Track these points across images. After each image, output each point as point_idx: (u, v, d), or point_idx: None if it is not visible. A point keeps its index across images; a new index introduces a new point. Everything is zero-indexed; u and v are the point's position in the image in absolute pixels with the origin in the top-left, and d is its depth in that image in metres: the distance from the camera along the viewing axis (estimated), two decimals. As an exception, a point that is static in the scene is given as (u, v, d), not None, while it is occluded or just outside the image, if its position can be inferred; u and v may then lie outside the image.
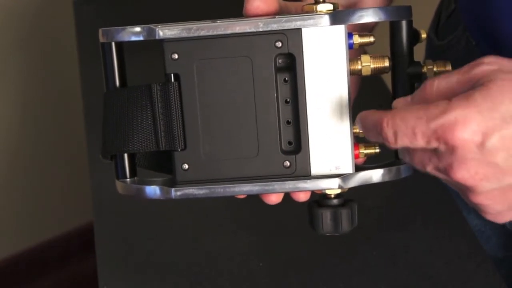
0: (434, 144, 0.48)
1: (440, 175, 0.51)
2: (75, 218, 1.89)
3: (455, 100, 0.48)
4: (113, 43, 0.57)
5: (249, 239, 0.83)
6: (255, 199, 0.62)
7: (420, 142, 0.49)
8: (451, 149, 0.48)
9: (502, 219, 0.53)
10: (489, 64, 0.49)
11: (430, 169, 0.51)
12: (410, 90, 0.57)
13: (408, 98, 0.52)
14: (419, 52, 0.59)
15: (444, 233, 0.81)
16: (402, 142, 0.49)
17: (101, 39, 0.57)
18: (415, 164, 0.52)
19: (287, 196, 0.59)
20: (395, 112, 0.50)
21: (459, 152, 0.48)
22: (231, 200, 0.86)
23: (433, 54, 0.70)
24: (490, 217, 0.53)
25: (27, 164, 1.82)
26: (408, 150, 0.51)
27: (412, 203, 0.86)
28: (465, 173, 0.48)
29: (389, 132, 0.49)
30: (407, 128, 0.49)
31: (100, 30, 0.57)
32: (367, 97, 0.65)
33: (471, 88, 0.48)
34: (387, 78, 0.59)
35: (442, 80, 0.50)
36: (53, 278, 1.89)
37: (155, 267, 0.80)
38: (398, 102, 0.53)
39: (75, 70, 1.32)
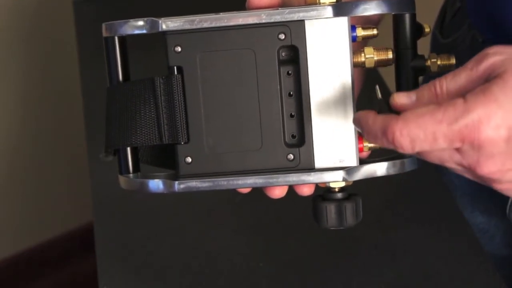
0: (457, 145, 0.47)
1: (461, 169, 0.50)
2: (75, 218, 1.89)
3: (472, 97, 0.47)
4: (116, 37, 0.57)
5: (249, 239, 0.83)
6: (255, 199, 0.62)
7: (441, 145, 0.47)
8: (477, 147, 0.47)
9: None
10: (496, 54, 0.48)
11: (449, 165, 0.50)
12: (414, 83, 0.57)
13: (413, 96, 0.50)
14: (424, 51, 0.59)
15: (444, 233, 0.81)
16: (421, 148, 0.48)
17: (104, 33, 0.57)
18: (431, 161, 0.50)
19: (289, 194, 0.59)
20: (407, 118, 0.48)
21: (486, 149, 0.47)
22: (231, 200, 0.86)
23: (438, 53, 0.70)
24: None
25: (27, 164, 1.82)
26: (425, 151, 0.50)
27: (412, 203, 0.86)
28: (492, 168, 0.48)
29: (404, 141, 0.48)
30: (427, 135, 0.47)
31: (104, 25, 0.57)
32: (367, 97, 0.65)
33: (483, 83, 0.47)
34: (387, 77, 0.59)
35: (450, 79, 0.49)
36: (53, 278, 1.89)
37: (155, 267, 0.80)
38: (400, 99, 0.51)
39: (75, 70, 1.32)
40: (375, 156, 0.59)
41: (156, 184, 0.57)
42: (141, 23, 0.56)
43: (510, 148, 0.47)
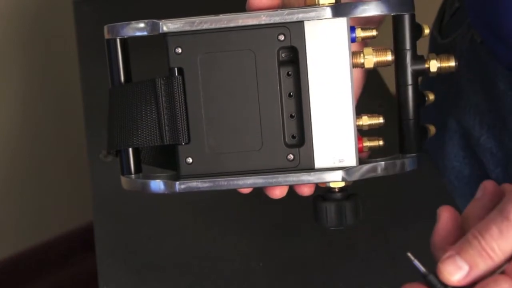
0: None
1: None
2: (75, 218, 1.89)
3: None
4: (117, 39, 0.57)
5: (249, 239, 0.83)
6: (256, 199, 0.62)
7: None
8: None
9: None
10: None
11: None
12: (414, 84, 0.57)
13: (464, 266, 0.48)
14: (423, 51, 0.59)
15: (444, 233, 0.81)
16: None
17: (106, 35, 0.58)
18: None
19: (289, 194, 0.59)
20: None
21: None
22: (231, 200, 0.86)
23: (437, 53, 0.71)
24: None
25: (27, 164, 1.82)
26: None
27: (412, 203, 0.86)
28: None
29: None
30: None
31: (106, 27, 0.58)
32: (367, 97, 0.65)
33: None
34: (388, 78, 0.59)
35: (498, 238, 0.46)
36: (53, 278, 1.89)
37: (155, 267, 0.80)
38: (452, 275, 0.48)
39: (75, 70, 1.32)
40: (375, 156, 0.59)
41: (157, 185, 0.58)
42: (142, 25, 0.56)
43: None
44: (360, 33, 0.57)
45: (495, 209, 0.48)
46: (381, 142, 0.59)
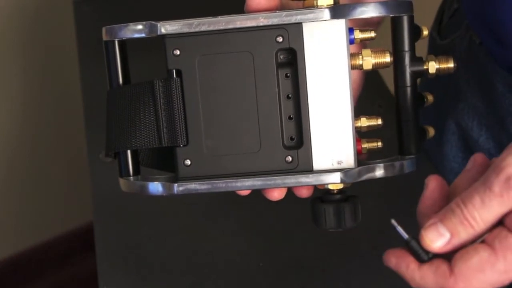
0: None
1: None
2: (75, 218, 1.89)
3: None
4: (116, 41, 0.57)
5: (249, 239, 0.83)
6: (255, 199, 0.62)
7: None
8: None
9: None
10: None
11: None
12: (413, 85, 0.57)
13: (446, 233, 0.48)
14: (422, 53, 0.59)
15: (443, 233, 0.81)
16: None
17: (105, 37, 0.57)
18: None
19: (289, 195, 0.59)
20: (465, 276, 0.46)
21: None
22: (231, 200, 0.86)
23: (436, 54, 0.71)
24: None
25: (27, 164, 1.82)
26: None
27: (412, 203, 0.86)
28: None
29: None
30: (493, 286, 0.46)
31: (104, 28, 0.57)
32: (367, 97, 0.65)
33: None
34: (388, 78, 0.59)
35: (480, 207, 0.47)
36: (53, 278, 1.89)
37: (155, 267, 0.80)
38: (434, 242, 0.49)
39: (75, 70, 1.32)
40: (373, 157, 0.59)
41: (155, 187, 0.57)
42: (140, 27, 0.56)
43: None
44: (358, 35, 0.57)
45: (479, 180, 0.49)
46: (379, 144, 0.59)
